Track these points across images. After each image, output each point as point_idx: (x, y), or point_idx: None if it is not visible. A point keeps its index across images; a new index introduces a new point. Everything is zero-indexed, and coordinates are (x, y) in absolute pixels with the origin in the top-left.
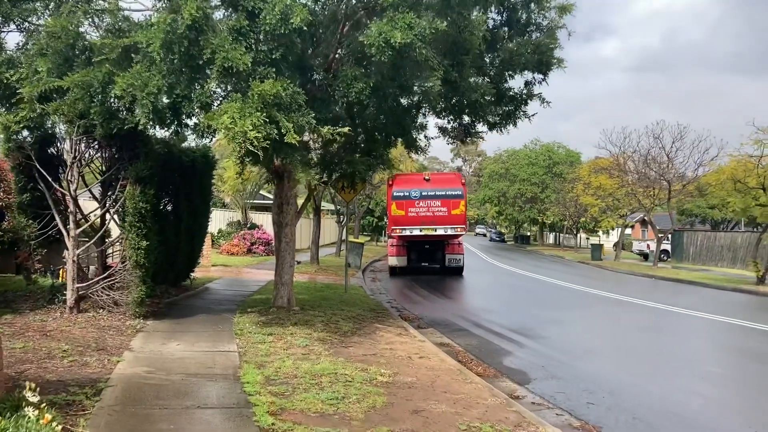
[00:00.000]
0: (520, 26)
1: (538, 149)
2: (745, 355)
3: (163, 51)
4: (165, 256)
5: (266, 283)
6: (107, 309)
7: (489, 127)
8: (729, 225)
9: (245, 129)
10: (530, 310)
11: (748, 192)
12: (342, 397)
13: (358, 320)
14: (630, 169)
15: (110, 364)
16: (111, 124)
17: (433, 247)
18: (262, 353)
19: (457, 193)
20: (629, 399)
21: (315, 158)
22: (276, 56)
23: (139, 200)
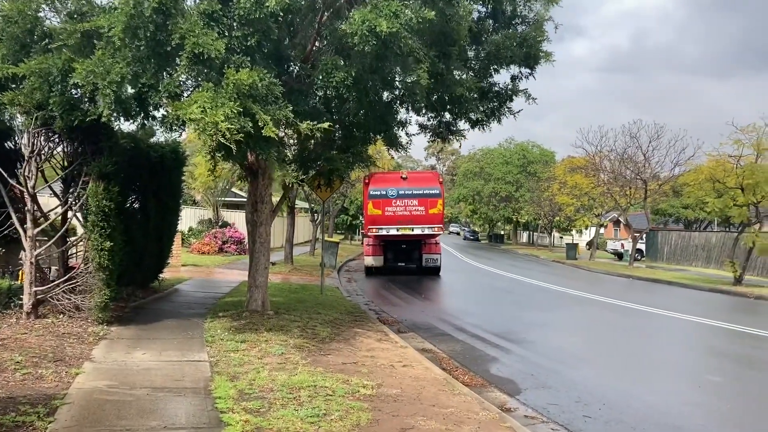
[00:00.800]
0: (506, 18)
1: (513, 148)
2: (740, 361)
3: (127, 36)
4: (131, 256)
5: (239, 284)
6: (68, 314)
7: (471, 125)
8: (702, 225)
9: (216, 120)
10: (512, 312)
11: (727, 192)
12: (323, 413)
13: (336, 325)
14: (606, 168)
15: (68, 377)
16: (72, 116)
17: (410, 247)
18: (235, 363)
19: (434, 192)
20: (627, 411)
21: (290, 155)
22: (251, 43)
23: (102, 198)
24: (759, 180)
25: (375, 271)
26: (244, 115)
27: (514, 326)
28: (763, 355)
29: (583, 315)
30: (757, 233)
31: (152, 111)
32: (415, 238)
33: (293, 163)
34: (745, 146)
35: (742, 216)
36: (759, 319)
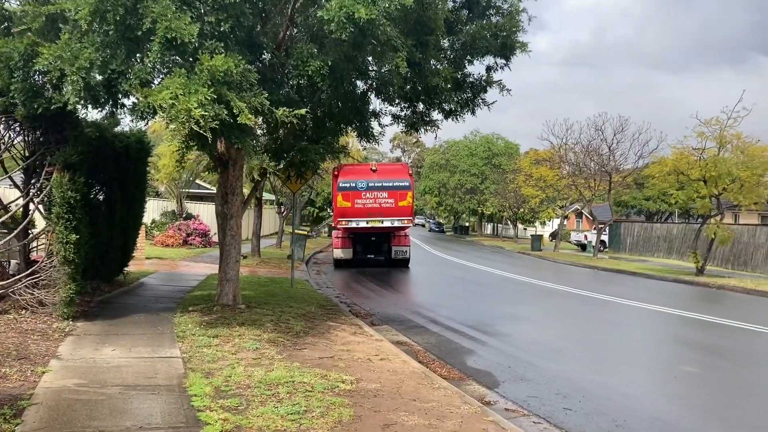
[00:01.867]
0: (481, 9)
1: (478, 140)
2: (712, 351)
3: (95, 20)
4: (97, 249)
5: (206, 277)
6: (31, 310)
7: (445, 115)
8: (663, 216)
9: (189, 107)
10: (484, 304)
11: (690, 184)
12: (304, 410)
13: (310, 318)
14: (571, 161)
15: (34, 376)
16: (35, 103)
17: (379, 239)
18: (209, 359)
19: (404, 184)
20: (607, 403)
21: (260, 145)
22: (224, 29)
23: (67, 189)
24: (721, 172)
25: (344, 263)
26: (218, 102)
27: (487, 318)
28: (732, 345)
29: (553, 306)
30: (718, 224)
31: (121, 99)
32: (384, 231)
33: (265, 153)
34: (708, 139)
35: (704, 208)
36: (723, 308)
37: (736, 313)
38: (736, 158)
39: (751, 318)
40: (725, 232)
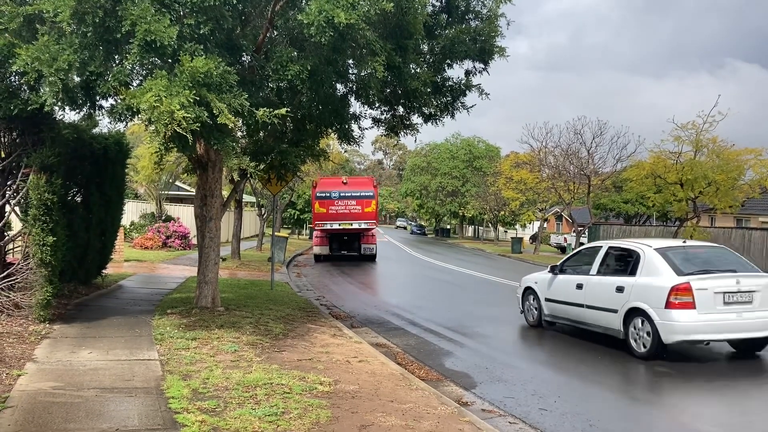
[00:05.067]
0: (459, 13)
1: (459, 143)
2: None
3: (74, 22)
4: (74, 252)
5: (185, 279)
6: (6, 313)
7: (424, 119)
8: (642, 219)
9: (172, 108)
10: (463, 306)
11: (667, 187)
12: (281, 412)
13: (289, 320)
14: (550, 164)
15: (9, 379)
16: (11, 104)
17: (350, 239)
18: (187, 361)
19: (369, 194)
20: (582, 404)
21: (239, 147)
22: (204, 31)
23: (44, 191)
24: (697, 176)
25: (323, 258)
26: (198, 104)
27: (465, 320)
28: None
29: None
30: (695, 227)
31: (99, 100)
32: (354, 232)
33: (245, 154)
34: (684, 143)
35: (681, 210)
36: None
37: None
38: (711, 162)
39: None
40: (701, 234)
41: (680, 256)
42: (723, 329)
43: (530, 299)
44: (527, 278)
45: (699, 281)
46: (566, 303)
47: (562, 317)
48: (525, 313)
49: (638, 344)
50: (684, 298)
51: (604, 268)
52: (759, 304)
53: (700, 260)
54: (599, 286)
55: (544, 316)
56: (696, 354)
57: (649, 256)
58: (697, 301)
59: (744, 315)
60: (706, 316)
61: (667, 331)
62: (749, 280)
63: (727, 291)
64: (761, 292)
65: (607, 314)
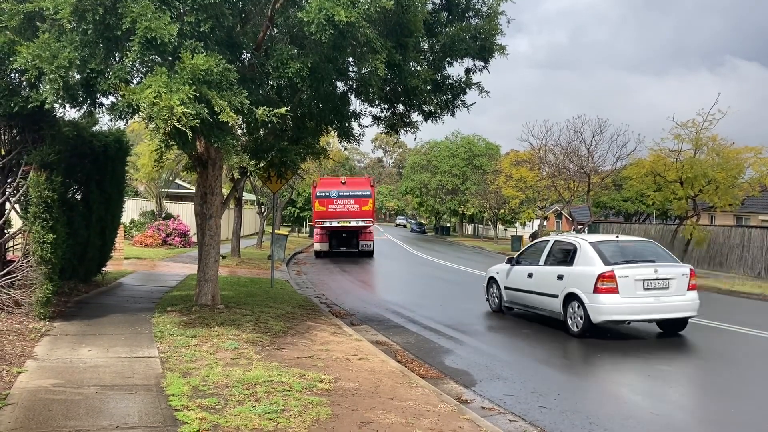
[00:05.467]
0: (460, 11)
1: (459, 141)
2: (684, 350)
3: (74, 19)
4: (74, 249)
5: (185, 277)
6: (7, 310)
7: (424, 117)
8: (641, 217)
9: (172, 104)
10: (463, 304)
11: (667, 186)
12: (281, 409)
13: (289, 318)
14: (551, 162)
15: (10, 377)
16: (11, 102)
17: (349, 236)
18: (187, 359)
19: (366, 193)
20: (582, 401)
21: (239, 145)
22: (204, 29)
23: (44, 188)
24: (697, 174)
25: (323, 254)
26: (198, 101)
27: (465, 318)
28: (703, 344)
29: None
30: (694, 225)
31: (100, 98)
32: (352, 229)
33: (245, 152)
34: (684, 141)
35: (681, 209)
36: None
37: (711, 313)
38: (711, 160)
39: (725, 318)
40: (701, 233)
41: (610, 248)
42: (642, 311)
43: (493, 288)
44: (491, 269)
45: (621, 269)
46: (520, 290)
47: (518, 303)
48: (489, 300)
49: (574, 324)
50: (609, 284)
51: (550, 260)
52: (675, 290)
53: (626, 252)
54: (545, 275)
55: (504, 303)
56: (629, 333)
57: (584, 249)
58: (620, 287)
59: (661, 299)
60: (627, 300)
61: (595, 313)
62: (666, 269)
63: (646, 278)
64: (677, 280)
65: (551, 299)
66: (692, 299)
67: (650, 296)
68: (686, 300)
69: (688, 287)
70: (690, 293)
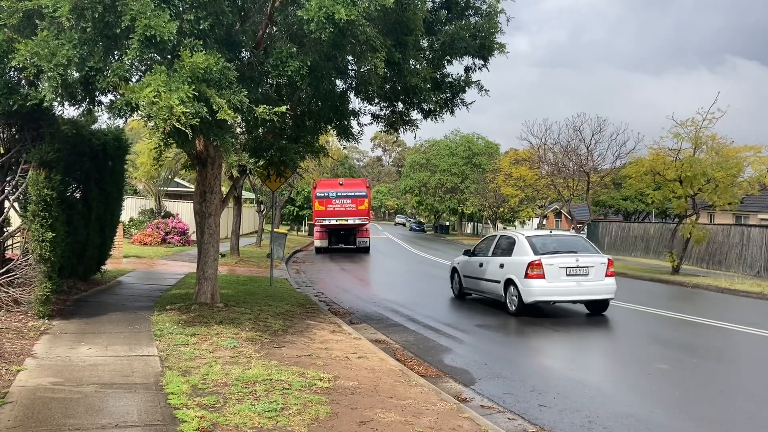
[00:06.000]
0: (459, 9)
1: (458, 140)
2: (683, 348)
3: (73, 17)
4: (73, 248)
5: (184, 276)
6: (6, 308)
7: (424, 115)
8: (641, 216)
9: (171, 103)
10: (462, 303)
11: (666, 184)
12: (281, 408)
13: (288, 317)
14: (550, 160)
15: (9, 375)
16: (10, 100)
17: (347, 233)
18: (186, 357)
19: (362, 194)
20: (581, 399)
21: (238, 144)
22: (203, 26)
23: (43, 187)
24: (696, 173)
25: (323, 250)
26: (198, 99)
27: (464, 316)
28: (703, 342)
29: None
30: (694, 224)
31: (99, 96)
32: (349, 227)
33: (244, 151)
34: (684, 140)
35: (680, 207)
36: (696, 307)
37: (710, 311)
38: (711, 159)
39: (724, 316)
40: (700, 231)
41: (541, 241)
42: (566, 293)
43: (455, 276)
44: (454, 260)
45: (547, 259)
46: (474, 278)
47: (473, 288)
48: (452, 287)
49: (511, 305)
50: (537, 270)
51: (497, 251)
52: (594, 276)
53: (555, 245)
54: (492, 264)
55: (463, 289)
56: (560, 313)
57: (520, 241)
58: (546, 273)
59: (582, 284)
60: (553, 284)
61: (527, 295)
62: (587, 259)
63: (569, 266)
64: (596, 268)
65: (495, 284)
66: (609, 284)
67: (572, 281)
68: (604, 285)
69: (606, 274)
70: (608, 279)
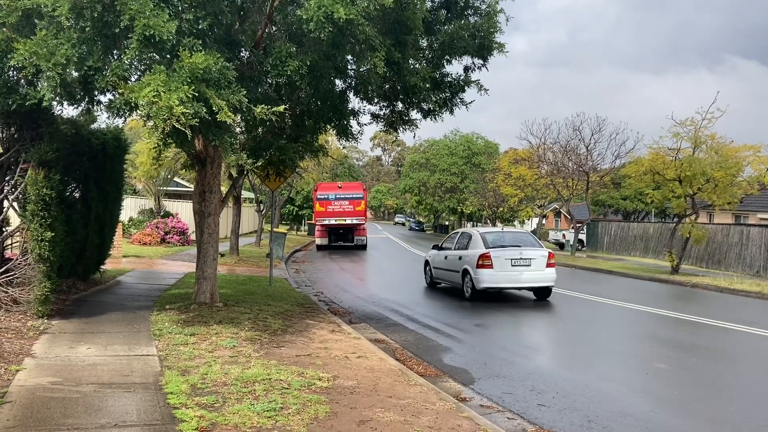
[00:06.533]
0: (459, 9)
1: (458, 140)
2: (683, 348)
3: (72, 16)
4: (72, 247)
5: (184, 275)
6: (5, 308)
7: (423, 115)
8: (640, 216)
9: (171, 104)
10: (460, 302)
11: (665, 184)
12: (280, 407)
13: (288, 316)
14: (549, 160)
15: (8, 375)
16: (9, 99)
17: (345, 231)
18: (186, 357)
19: (359, 196)
20: (580, 399)
21: (238, 143)
22: (202, 26)
23: (42, 186)
24: (696, 172)
25: (324, 248)
26: (197, 99)
27: (464, 316)
28: (702, 342)
29: (529, 304)
30: (693, 223)
31: (97, 95)
32: (348, 226)
33: (243, 151)
34: (683, 139)
35: (679, 207)
36: (696, 306)
37: (709, 310)
38: (710, 158)
39: (723, 316)
40: (700, 231)
41: (492, 237)
42: (511, 281)
43: (427, 268)
44: (428, 253)
45: (495, 251)
46: (441, 269)
47: (440, 278)
48: (426, 278)
49: (466, 291)
50: (486, 261)
51: (458, 245)
52: (535, 267)
53: (504, 239)
54: (453, 256)
55: (433, 279)
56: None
57: (475, 236)
58: (494, 264)
59: (525, 273)
60: (500, 273)
61: (477, 282)
62: (529, 252)
63: (514, 258)
64: (537, 260)
65: (456, 274)
66: (550, 273)
67: (516, 271)
68: (545, 274)
69: (547, 265)
70: (548, 269)
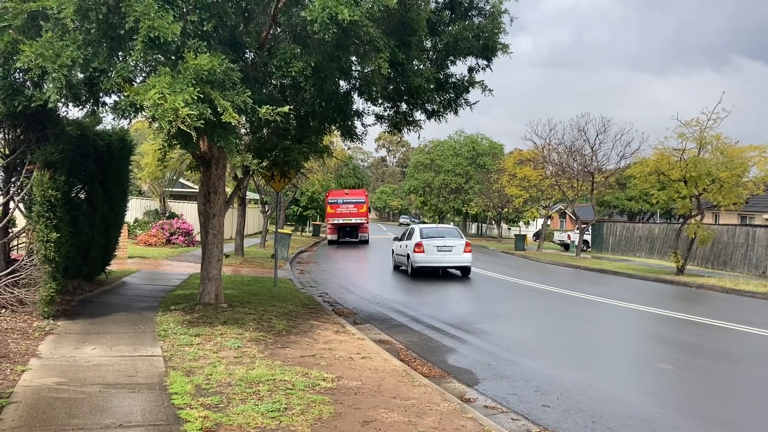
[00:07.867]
0: (463, 10)
1: (463, 140)
2: (688, 349)
3: (77, 18)
4: (78, 248)
5: (189, 276)
6: (11, 309)
7: (428, 116)
8: (645, 216)
9: (176, 106)
10: (465, 303)
11: (671, 185)
12: (284, 408)
13: (292, 317)
14: (554, 161)
15: (13, 375)
16: (15, 101)
17: (351, 229)
18: (190, 357)
19: (362, 200)
20: (584, 400)
21: (242, 144)
22: (207, 28)
23: (48, 187)
24: (701, 173)
25: (334, 242)
26: (202, 101)
27: (468, 317)
28: (707, 343)
29: (535, 305)
30: (698, 224)
31: (103, 97)
32: (353, 225)
33: (248, 152)
34: (688, 140)
35: (685, 208)
36: (701, 307)
37: (714, 311)
38: (715, 159)
39: (728, 317)
40: (705, 232)
41: (427, 230)
42: (437, 262)
43: (392, 255)
44: (393, 244)
45: (426, 240)
46: (398, 254)
47: (399, 263)
48: (392, 262)
49: (408, 269)
50: (419, 248)
51: (407, 237)
52: (456, 252)
53: (435, 232)
54: (404, 245)
55: (395, 264)
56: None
57: (416, 230)
58: (425, 250)
59: (447, 256)
60: (429, 256)
61: (414, 263)
62: (451, 241)
63: (439, 245)
64: (457, 247)
65: (404, 258)
66: (467, 257)
67: (441, 254)
68: (462, 257)
69: (464, 251)
70: (465, 254)
